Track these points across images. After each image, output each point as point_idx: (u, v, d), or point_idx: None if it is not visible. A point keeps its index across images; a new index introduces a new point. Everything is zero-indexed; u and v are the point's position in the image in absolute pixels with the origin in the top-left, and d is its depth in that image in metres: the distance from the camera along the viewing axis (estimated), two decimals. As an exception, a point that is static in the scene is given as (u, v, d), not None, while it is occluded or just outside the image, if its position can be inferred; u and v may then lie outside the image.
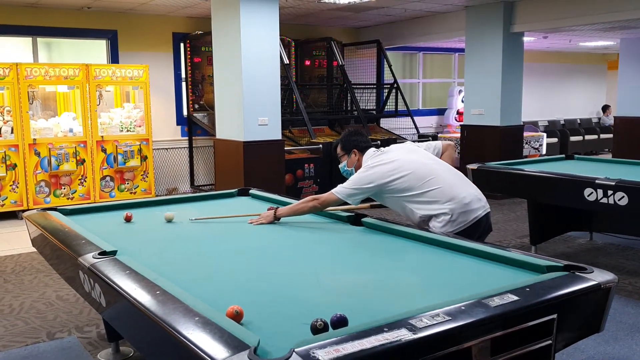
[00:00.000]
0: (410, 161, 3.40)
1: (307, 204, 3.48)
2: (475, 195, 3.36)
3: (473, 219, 3.29)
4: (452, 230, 3.25)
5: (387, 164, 3.38)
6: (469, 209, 3.29)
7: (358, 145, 3.64)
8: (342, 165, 3.74)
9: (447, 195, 3.29)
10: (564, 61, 15.03)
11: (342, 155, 3.71)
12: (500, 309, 1.87)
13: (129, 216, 3.61)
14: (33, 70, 7.48)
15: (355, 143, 3.64)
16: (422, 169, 3.37)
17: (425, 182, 3.32)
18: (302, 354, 1.53)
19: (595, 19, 7.68)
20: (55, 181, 7.67)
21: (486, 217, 3.37)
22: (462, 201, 3.28)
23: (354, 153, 3.64)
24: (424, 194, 3.32)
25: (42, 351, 3.69)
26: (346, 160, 3.69)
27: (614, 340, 3.71)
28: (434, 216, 3.30)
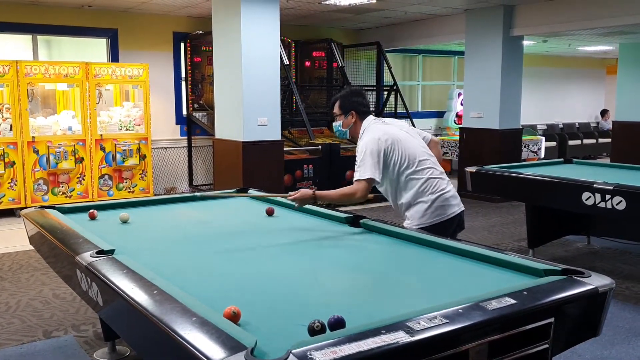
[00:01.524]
0: (409, 141, 3.41)
1: (345, 193, 3.31)
2: (454, 191, 3.42)
3: (450, 214, 3.36)
4: (428, 221, 3.31)
5: (391, 135, 3.35)
6: (449, 203, 3.35)
7: (357, 109, 3.50)
8: (337, 124, 3.55)
9: (433, 185, 3.35)
10: (563, 65, 15.05)
11: (339, 115, 3.52)
12: (497, 312, 1.87)
13: (92, 213, 3.61)
14: (33, 68, 7.48)
15: (355, 105, 3.49)
16: (419, 151, 3.40)
17: (420, 165, 3.36)
18: (299, 355, 1.52)
19: (595, 24, 7.69)
20: (53, 179, 7.67)
21: (461, 214, 3.43)
22: (444, 195, 3.34)
23: (351, 115, 3.48)
24: (417, 172, 3.35)
25: (39, 350, 3.68)
26: (342, 121, 3.51)
27: (610, 345, 3.72)
28: (413, 205, 3.34)
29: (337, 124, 3.56)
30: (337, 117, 3.54)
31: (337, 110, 3.53)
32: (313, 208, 3.77)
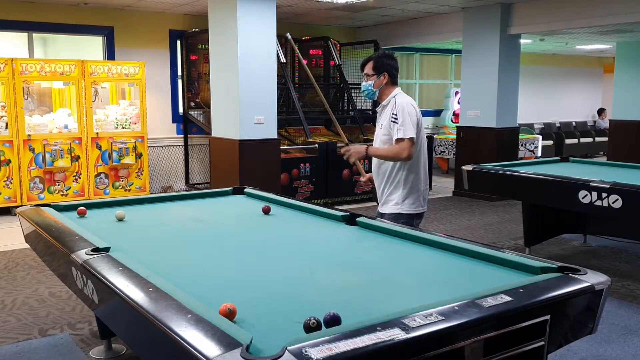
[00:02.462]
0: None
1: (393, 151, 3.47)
2: None
3: (424, 209, 3.65)
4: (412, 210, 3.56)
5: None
6: (425, 198, 3.65)
7: (390, 71, 3.60)
8: (368, 84, 3.61)
9: (425, 178, 3.63)
10: (561, 64, 15.07)
11: (371, 75, 3.60)
12: (493, 310, 1.87)
13: (81, 210, 3.61)
14: (28, 65, 7.46)
15: (389, 67, 3.60)
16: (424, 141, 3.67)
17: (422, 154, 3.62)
18: (294, 352, 1.52)
19: (592, 22, 7.70)
20: (49, 177, 7.65)
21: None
22: (426, 190, 3.63)
23: (383, 76, 3.58)
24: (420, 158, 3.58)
25: (34, 348, 3.67)
26: (374, 81, 3.59)
27: (606, 342, 3.72)
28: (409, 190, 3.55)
29: (368, 83, 3.63)
30: (369, 77, 3.61)
31: (370, 70, 3.61)
32: (309, 206, 3.77)
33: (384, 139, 3.58)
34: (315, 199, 7.87)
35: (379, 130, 3.63)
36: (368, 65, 3.62)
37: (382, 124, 3.61)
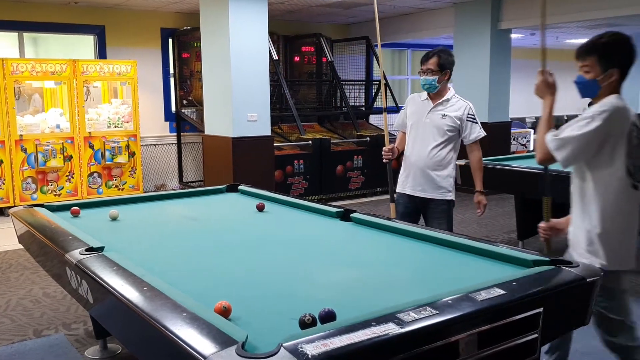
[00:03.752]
0: None
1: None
2: None
3: None
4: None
5: None
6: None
7: (452, 69, 3.87)
8: (432, 79, 3.80)
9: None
10: (551, 58, 15.08)
11: (436, 71, 3.79)
12: (487, 303, 1.89)
13: (75, 210, 3.60)
14: (19, 65, 7.41)
15: (452, 66, 3.85)
16: None
17: None
18: (290, 348, 1.53)
19: (582, 16, 7.73)
20: (42, 177, 7.62)
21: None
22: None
23: (446, 74, 3.81)
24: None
25: (29, 349, 3.66)
26: (437, 77, 3.79)
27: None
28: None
29: (433, 78, 3.80)
30: (433, 72, 3.79)
31: (436, 67, 3.79)
32: (303, 203, 3.78)
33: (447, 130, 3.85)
34: (309, 195, 7.88)
35: (440, 120, 3.85)
36: (432, 61, 3.81)
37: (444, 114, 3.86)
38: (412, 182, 3.94)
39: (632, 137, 2.46)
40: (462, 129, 3.88)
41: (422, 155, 3.89)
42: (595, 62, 2.56)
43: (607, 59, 2.54)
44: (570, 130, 2.49)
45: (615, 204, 2.48)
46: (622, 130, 2.45)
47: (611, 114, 2.43)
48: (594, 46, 2.59)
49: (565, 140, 2.48)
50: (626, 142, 2.45)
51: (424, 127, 3.89)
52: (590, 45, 2.61)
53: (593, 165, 2.49)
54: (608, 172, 2.47)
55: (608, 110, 2.43)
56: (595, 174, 2.50)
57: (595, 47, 2.58)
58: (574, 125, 2.50)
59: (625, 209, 2.50)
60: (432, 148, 3.86)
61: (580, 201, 2.59)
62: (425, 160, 3.87)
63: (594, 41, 2.60)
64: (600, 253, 2.50)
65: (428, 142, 3.87)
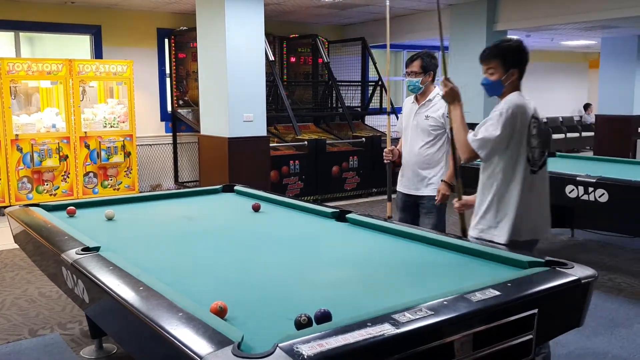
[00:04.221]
0: None
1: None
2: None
3: None
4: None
5: None
6: None
7: (436, 71, 3.98)
8: (416, 81, 3.94)
9: None
10: (547, 60, 15.16)
11: (419, 73, 3.93)
12: (482, 304, 1.90)
13: (71, 210, 3.60)
14: (15, 65, 7.39)
15: (435, 68, 3.97)
16: None
17: None
18: (285, 349, 1.54)
19: (577, 18, 7.76)
20: (37, 177, 7.60)
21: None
22: None
23: (429, 75, 3.95)
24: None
25: (24, 348, 3.66)
26: (421, 78, 3.93)
27: (593, 335, 3.77)
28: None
29: (416, 80, 3.95)
30: (417, 74, 3.95)
31: (418, 69, 3.94)
32: (299, 203, 3.78)
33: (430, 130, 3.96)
34: (305, 195, 7.89)
35: (424, 121, 3.98)
36: (417, 64, 3.94)
37: (427, 115, 3.98)
38: (407, 181, 4.10)
39: (531, 129, 2.88)
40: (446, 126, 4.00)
41: (412, 155, 4.04)
42: (499, 65, 2.92)
43: (508, 61, 2.91)
44: (486, 131, 2.87)
45: (518, 187, 2.89)
46: (523, 123, 2.85)
47: (514, 110, 2.83)
48: (496, 51, 2.95)
49: (484, 140, 2.86)
50: (527, 133, 2.87)
51: (413, 129, 4.07)
52: (493, 50, 2.97)
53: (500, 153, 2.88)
54: (512, 159, 2.88)
55: (512, 107, 2.83)
56: (501, 160, 2.90)
57: (497, 51, 2.94)
58: (487, 124, 2.88)
59: (525, 191, 2.90)
60: (419, 147, 4.01)
61: (488, 184, 2.98)
62: (415, 160, 4.02)
63: (495, 47, 2.98)
64: (505, 229, 2.90)
65: (416, 142, 4.03)
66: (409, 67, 3.98)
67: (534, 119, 2.90)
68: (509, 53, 2.92)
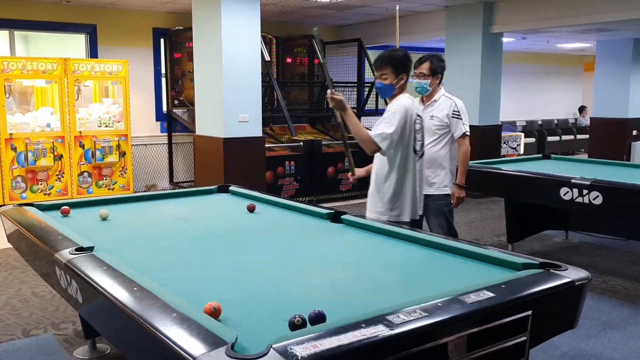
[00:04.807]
0: None
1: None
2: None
3: None
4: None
5: None
6: None
7: (443, 74, 4.14)
8: (425, 83, 4.10)
9: None
10: (542, 62, 15.20)
11: (428, 75, 4.07)
12: (476, 306, 1.90)
13: (65, 210, 3.59)
14: (10, 64, 7.37)
15: (443, 71, 4.11)
16: None
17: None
18: (279, 350, 1.53)
19: (572, 21, 7.79)
20: (32, 177, 7.57)
21: None
22: None
23: (437, 77, 4.09)
24: None
25: (17, 348, 3.64)
26: (429, 80, 4.10)
27: (587, 337, 3.78)
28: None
29: (425, 82, 4.08)
30: (426, 76, 4.07)
31: (427, 71, 4.08)
32: (294, 204, 3.78)
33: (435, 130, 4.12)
34: (300, 196, 7.88)
35: (429, 121, 4.10)
36: (424, 65, 4.08)
37: (432, 115, 4.13)
38: None
39: (415, 125, 3.47)
40: (450, 127, 4.12)
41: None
42: (391, 71, 3.43)
43: (398, 67, 3.43)
44: (384, 127, 3.35)
45: (409, 173, 3.46)
46: (410, 120, 3.41)
47: (404, 109, 3.38)
48: (388, 60, 3.45)
49: (384, 135, 3.32)
50: (413, 129, 3.44)
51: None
52: (386, 59, 3.45)
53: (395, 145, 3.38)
54: (403, 150, 3.42)
55: (402, 107, 3.38)
56: (394, 151, 3.41)
57: (389, 60, 3.44)
58: (384, 122, 3.37)
59: (411, 176, 3.48)
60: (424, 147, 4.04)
61: (384, 171, 3.49)
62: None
63: (387, 56, 3.47)
64: (402, 210, 3.47)
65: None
66: (417, 69, 4.06)
67: (417, 116, 3.51)
68: (399, 61, 3.43)
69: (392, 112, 3.37)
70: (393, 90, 3.47)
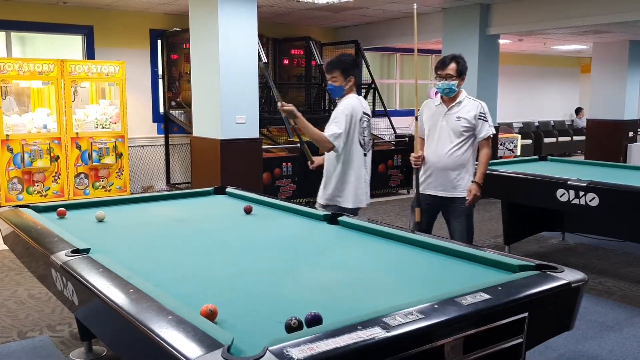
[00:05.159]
0: None
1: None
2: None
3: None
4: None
5: None
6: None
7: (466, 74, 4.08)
8: (452, 84, 4.01)
9: None
10: (539, 64, 15.23)
11: (455, 77, 4.01)
12: (472, 308, 1.90)
13: (61, 211, 3.58)
14: (6, 65, 7.35)
15: (466, 71, 4.08)
16: None
17: None
18: (276, 352, 1.53)
19: (569, 23, 7.80)
20: (28, 178, 7.56)
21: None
22: None
23: (463, 79, 4.05)
24: None
25: (13, 350, 3.63)
26: (457, 82, 4.02)
27: (584, 339, 3.78)
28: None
29: (452, 83, 4.01)
30: (453, 77, 4.01)
31: (454, 72, 4.02)
32: (291, 206, 3.78)
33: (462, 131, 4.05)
34: (297, 198, 7.88)
35: (456, 122, 4.05)
36: (451, 66, 4.02)
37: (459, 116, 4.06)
38: (434, 182, 4.15)
39: (362, 122, 3.87)
40: (475, 128, 4.09)
41: (441, 157, 4.09)
42: (340, 74, 3.84)
43: (347, 71, 3.84)
44: (335, 127, 3.74)
45: (355, 165, 3.89)
46: (355, 118, 3.81)
47: (352, 108, 3.80)
48: (338, 64, 3.86)
49: (336, 134, 3.73)
50: (359, 125, 3.84)
51: (441, 130, 4.11)
52: (336, 64, 3.87)
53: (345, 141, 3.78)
54: (351, 145, 3.84)
55: (350, 106, 3.81)
56: (344, 146, 3.80)
57: (339, 64, 3.86)
58: (335, 121, 3.76)
59: (359, 169, 3.92)
60: (449, 149, 4.07)
61: (334, 163, 3.90)
62: (444, 161, 4.07)
63: (337, 61, 3.90)
64: (345, 198, 3.88)
65: (445, 144, 4.08)
66: (443, 70, 4.02)
67: (364, 114, 3.89)
68: (347, 65, 3.85)
69: (341, 112, 3.78)
70: (342, 91, 3.88)
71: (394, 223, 6.51)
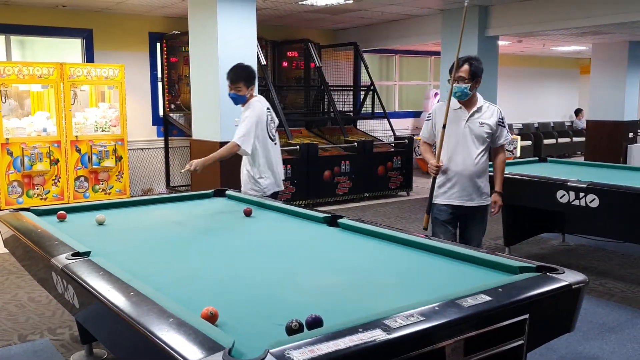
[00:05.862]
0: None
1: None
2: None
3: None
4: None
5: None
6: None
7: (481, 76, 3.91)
8: (465, 87, 3.84)
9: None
10: (538, 65, 15.25)
11: (468, 79, 3.84)
12: (473, 310, 1.89)
13: (61, 215, 3.58)
14: (6, 68, 7.36)
15: (482, 73, 3.89)
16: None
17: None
18: (277, 354, 1.53)
19: (568, 24, 7.82)
20: (28, 181, 7.56)
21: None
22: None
23: (477, 81, 3.88)
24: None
25: (14, 354, 3.63)
26: (470, 84, 3.84)
27: (585, 340, 3.78)
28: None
29: (465, 86, 3.82)
30: (465, 80, 3.83)
31: (467, 74, 3.82)
32: (291, 208, 3.78)
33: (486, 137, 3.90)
34: (296, 200, 7.88)
35: (479, 128, 3.87)
36: (465, 69, 3.84)
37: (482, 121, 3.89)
38: (460, 192, 3.93)
39: (267, 117, 4.41)
40: (495, 134, 3.94)
41: (468, 165, 3.89)
42: (243, 84, 4.36)
43: (249, 80, 4.38)
44: (244, 128, 4.25)
45: (268, 155, 4.41)
46: (261, 117, 4.34)
47: (256, 110, 4.32)
48: (242, 74, 4.38)
49: (245, 136, 4.24)
50: (265, 120, 4.37)
51: (464, 137, 3.89)
52: (239, 74, 4.37)
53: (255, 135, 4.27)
54: (262, 139, 4.35)
55: (254, 108, 4.33)
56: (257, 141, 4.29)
57: (243, 74, 4.38)
58: (243, 124, 4.26)
59: (272, 157, 4.46)
60: (476, 156, 3.89)
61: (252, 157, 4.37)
62: (471, 169, 3.89)
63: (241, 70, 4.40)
64: (263, 185, 4.42)
65: (471, 151, 3.89)
66: (457, 72, 3.83)
67: (267, 110, 4.43)
68: (249, 75, 4.39)
69: (246, 116, 4.29)
70: (245, 98, 4.38)
71: (393, 225, 6.50)
